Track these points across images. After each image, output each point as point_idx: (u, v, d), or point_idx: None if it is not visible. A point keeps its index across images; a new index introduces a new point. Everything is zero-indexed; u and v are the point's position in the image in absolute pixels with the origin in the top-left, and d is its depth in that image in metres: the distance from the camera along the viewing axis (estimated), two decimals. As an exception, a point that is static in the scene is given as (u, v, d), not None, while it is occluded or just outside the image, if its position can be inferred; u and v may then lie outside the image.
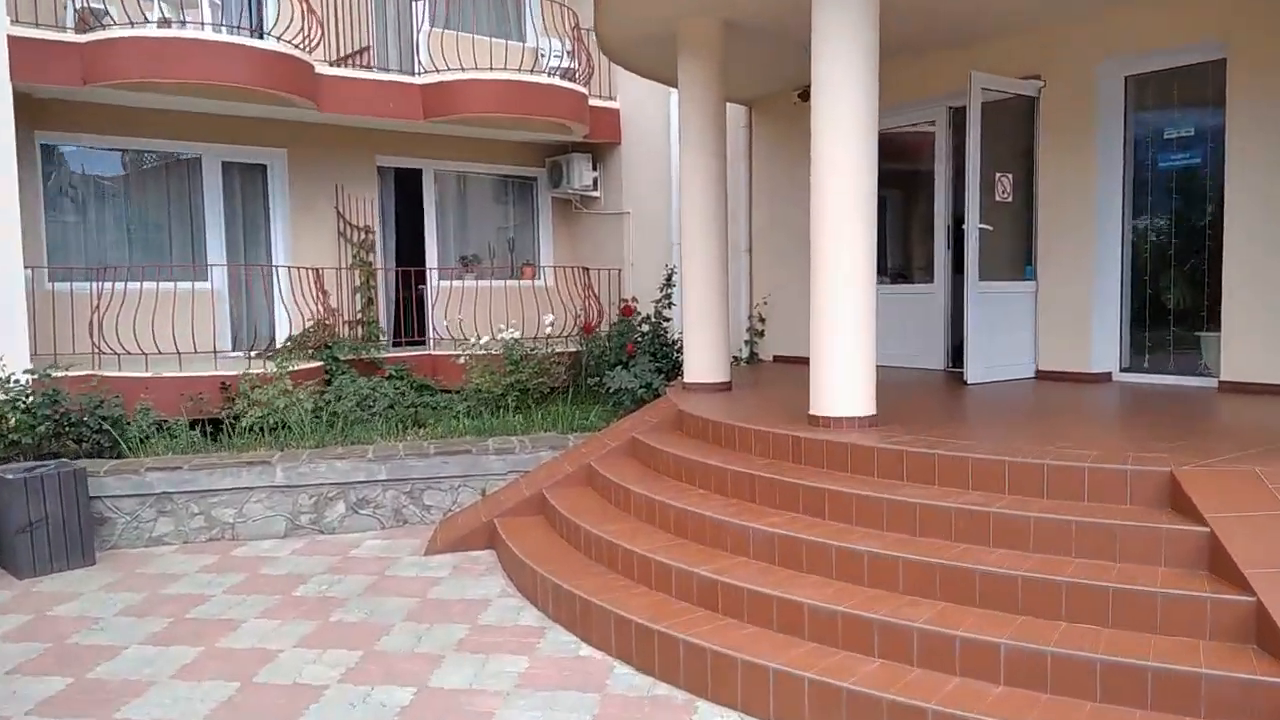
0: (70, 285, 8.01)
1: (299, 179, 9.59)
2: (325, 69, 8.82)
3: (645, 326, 8.50)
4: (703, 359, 6.83)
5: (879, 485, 4.28)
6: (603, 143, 10.68)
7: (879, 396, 5.13)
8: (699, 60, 6.64)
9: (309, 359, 8.35)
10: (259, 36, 8.46)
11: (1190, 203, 6.61)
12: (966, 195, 6.79)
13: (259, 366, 7.62)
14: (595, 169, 10.82)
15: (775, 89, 8.80)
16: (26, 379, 6.60)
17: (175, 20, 8.07)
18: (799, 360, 7.73)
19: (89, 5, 7.83)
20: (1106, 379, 6.89)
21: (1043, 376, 7.13)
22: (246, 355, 8.23)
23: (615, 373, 7.65)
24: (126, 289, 7.83)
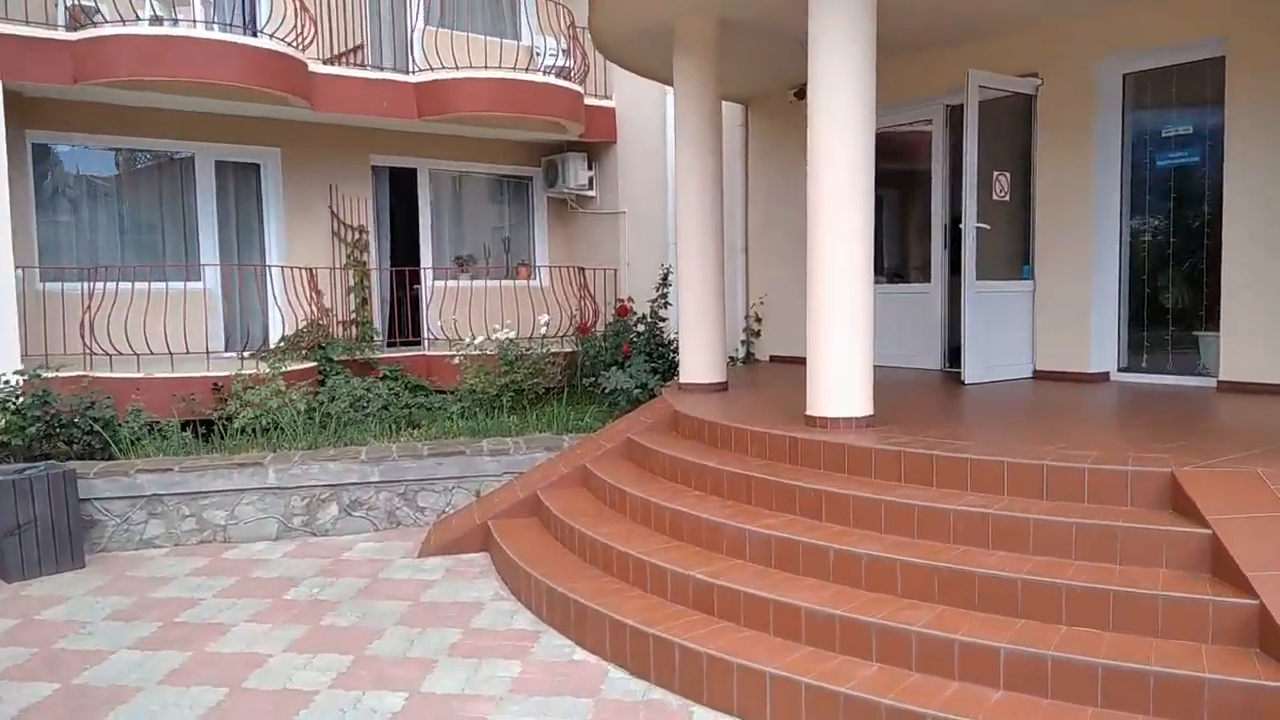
0: (61, 285, 7.96)
1: (293, 178, 9.53)
2: (319, 67, 8.76)
3: (641, 326, 8.44)
4: (699, 359, 6.78)
5: (877, 487, 4.23)
6: (598, 142, 10.63)
7: (876, 397, 5.09)
8: (694, 57, 6.59)
9: (302, 359, 8.29)
10: (252, 34, 8.40)
11: (1188, 201, 6.57)
12: (964, 194, 6.75)
13: (252, 367, 7.56)
14: (591, 168, 10.78)
15: (771, 87, 8.76)
16: (17, 380, 6.55)
17: (167, 18, 7.99)
18: (795, 360, 7.69)
19: (80, 3, 7.76)
20: (1104, 379, 6.86)
21: (1040, 376, 7.09)
22: (239, 356, 8.18)
23: (611, 373, 7.60)
24: (118, 289, 7.76)
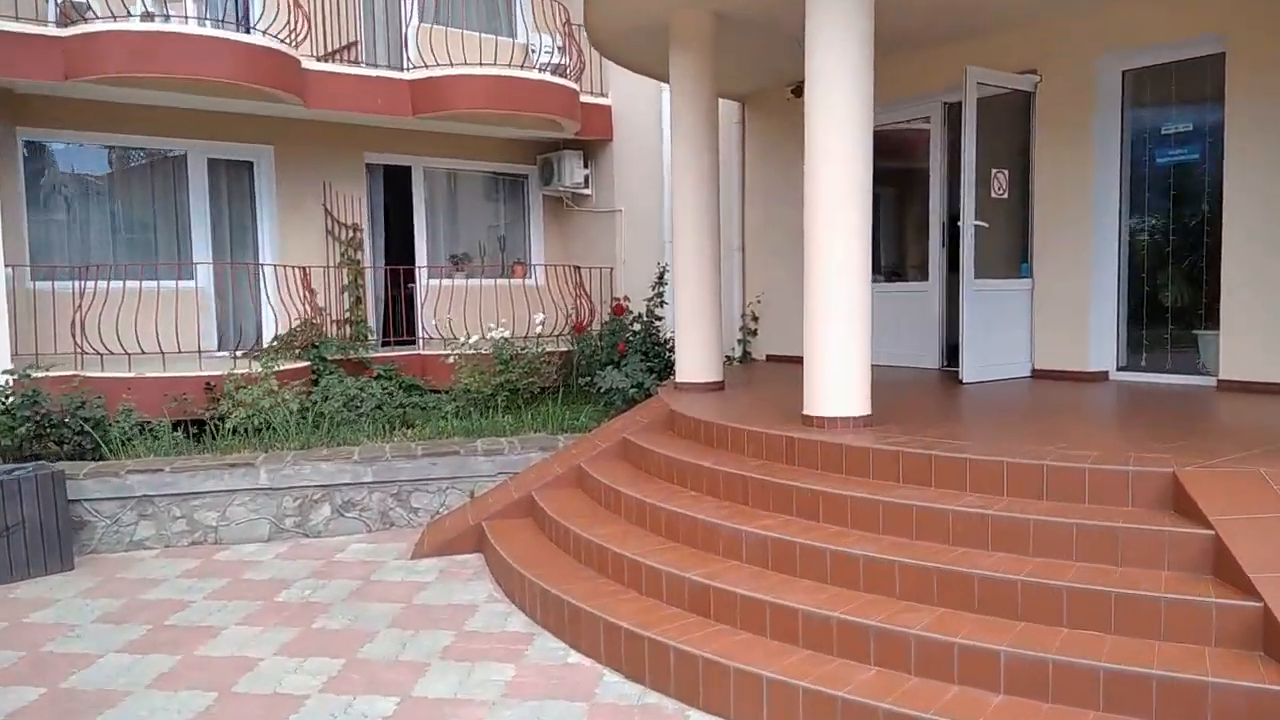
0: (52, 284, 7.89)
1: (286, 176, 9.47)
2: (312, 64, 8.69)
3: (637, 325, 8.39)
4: (695, 358, 6.73)
5: (874, 487, 4.18)
6: (594, 140, 10.57)
7: (874, 396, 5.04)
8: (690, 54, 6.54)
9: (295, 359, 8.23)
10: (244, 31, 8.33)
11: (1188, 199, 6.53)
12: (962, 192, 6.70)
13: (244, 366, 7.50)
14: (587, 166, 10.72)
15: (768, 85, 8.71)
16: (6, 379, 6.49)
17: (159, 14, 7.92)
18: (792, 360, 7.64)
19: (71, -1, 7.71)
20: (1103, 378, 6.81)
21: (1039, 375, 7.05)
22: (232, 355, 8.11)
23: (606, 372, 7.54)
24: (110, 287, 7.70)
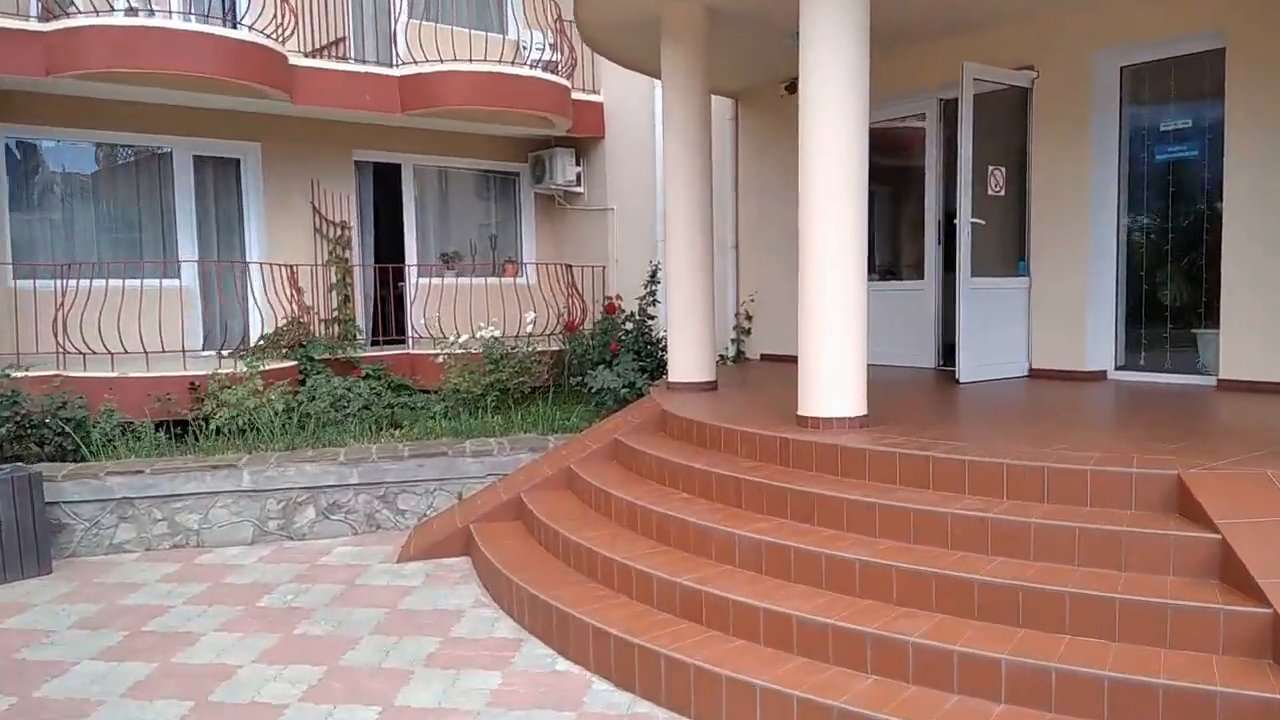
0: (34, 282, 7.75)
1: (273, 173, 9.33)
2: (299, 60, 8.56)
3: (629, 325, 8.29)
4: (688, 358, 6.62)
5: (871, 489, 4.08)
6: (586, 137, 10.46)
7: (870, 396, 4.94)
8: (682, 49, 6.43)
9: (282, 358, 8.09)
10: (231, 26, 8.19)
11: (1187, 196, 6.44)
12: (958, 189, 6.60)
13: (230, 366, 7.36)
14: (579, 164, 10.60)
15: (761, 81, 8.61)
16: (-16, 379, 6.35)
17: (143, 8, 7.79)
18: (787, 359, 7.55)
19: (52, -8, 7.57)
20: (1101, 377, 6.73)
21: (1036, 375, 6.96)
22: (218, 354, 7.98)
23: (598, 372, 7.44)
24: (93, 286, 7.55)
